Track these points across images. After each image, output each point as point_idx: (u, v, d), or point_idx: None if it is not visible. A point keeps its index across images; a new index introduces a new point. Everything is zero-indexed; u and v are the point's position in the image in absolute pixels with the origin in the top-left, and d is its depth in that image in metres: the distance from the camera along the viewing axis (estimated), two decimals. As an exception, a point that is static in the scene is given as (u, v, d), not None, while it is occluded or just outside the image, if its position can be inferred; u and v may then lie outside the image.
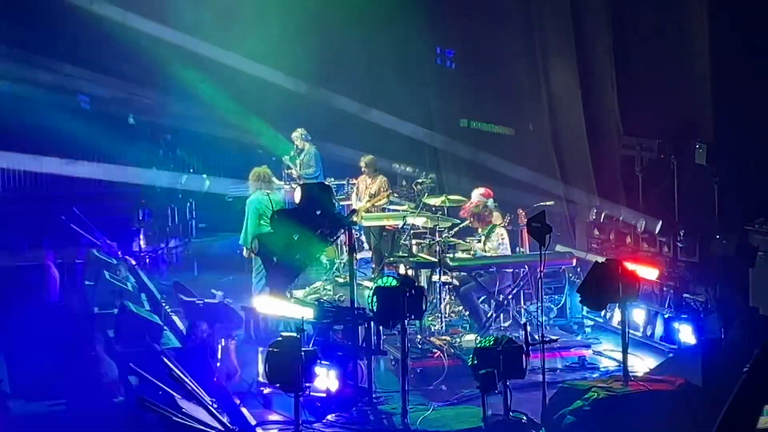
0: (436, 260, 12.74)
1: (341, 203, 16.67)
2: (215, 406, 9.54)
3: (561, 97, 15.36)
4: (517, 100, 16.56)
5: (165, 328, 13.06)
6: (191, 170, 22.08)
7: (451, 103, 18.45)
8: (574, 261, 13.25)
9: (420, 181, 16.17)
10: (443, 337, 12.22)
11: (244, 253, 14.37)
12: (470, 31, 17.73)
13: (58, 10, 21.03)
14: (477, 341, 10.90)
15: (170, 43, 21.40)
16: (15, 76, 21.64)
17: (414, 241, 14.29)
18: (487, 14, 17.13)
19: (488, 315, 12.62)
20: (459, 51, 18.36)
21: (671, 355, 11.52)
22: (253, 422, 10.20)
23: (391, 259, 14.14)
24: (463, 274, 12.82)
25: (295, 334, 9.37)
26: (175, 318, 13.90)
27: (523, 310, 12.78)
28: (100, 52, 21.41)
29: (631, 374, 10.21)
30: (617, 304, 11.06)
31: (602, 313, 13.02)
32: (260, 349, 10.78)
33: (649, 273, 12.02)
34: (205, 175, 21.69)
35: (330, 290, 15.15)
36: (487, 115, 17.51)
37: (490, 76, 17.20)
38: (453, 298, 13.14)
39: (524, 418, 9.67)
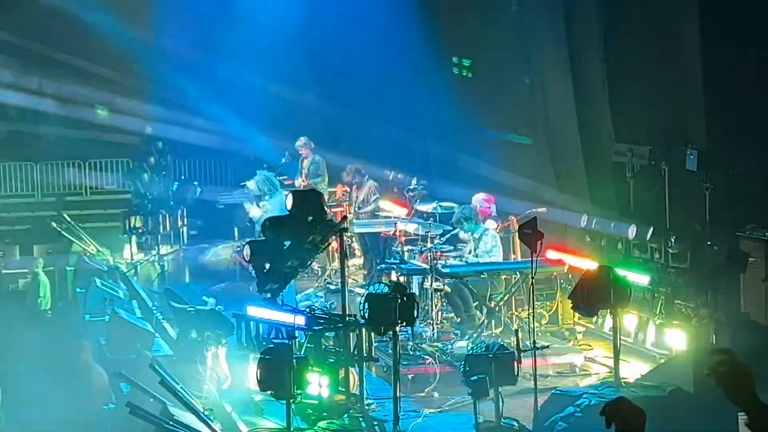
0: (428, 267, 12.74)
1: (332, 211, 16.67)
2: (206, 413, 9.51)
3: (555, 103, 15.38)
4: (512, 105, 16.56)
5: (156, 335, 13.04)
6: (182, 177, 22.06)
7: (445, 109, 18.44)
8: (566, 267, 13.25)
9: (412, 187, 16.17)
10: (435, 344, 12.22)
11: None
12: (468, 39, 17.74)
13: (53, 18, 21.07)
14: (468, 348, 10.91)
15: (162, 49, 21.45)
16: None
17: (406, 248, 14.28)
18: (483, 21, 17.15)
19: (480, 321, 12.62)
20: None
21: (662, 361, 11.52)
22: (244, 429, 10.18)
23: (383, 266, 14.14)
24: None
25: (286, 341, 9.37)
26: (167, 325, 13.87)
27: (514, 317, 12.78)
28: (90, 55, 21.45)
29: (622, 380, 10.21)
30: (609, 311, 11.05)
31: (594, 319, 13.02)
32: (252, 356, 10.76)
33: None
34: (196, 182, 21.68)
35: (322, 297, 15.13)
36: (486, 121, 17.49)
37: (487, 82, 17.21)
38: (445, 304, 13.14)
39: (516, 424, 9.67)
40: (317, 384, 9.93)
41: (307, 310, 10.89)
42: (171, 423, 8.87)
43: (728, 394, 3.89)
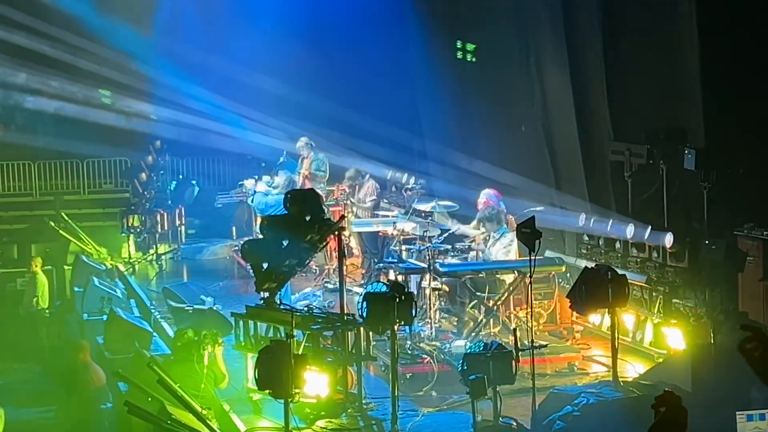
0: (426, 265, 12.75)
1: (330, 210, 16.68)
2: (204, 412, 9.51)
3: (554, 101, 15.38)
4: (511, 103, 16.57)
5: (154, 334, 13.04)
6: (180, 176, 22.06)
7: (444, 107, 18.44)
8: (564, 267, 13.25)
9: (410, 186, 16.17)
10: (433, 343, 12.21)
11: None
12: (467, 37, 17.76)
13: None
14: (467, 347, 10.91)
15: (160, 47, 21.43)
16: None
17: (404, 247, 14.28)
18: (482, 20, 17.17)
19: (478, 320, 12.62)
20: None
21: (661, 360, 11.53)
22: (242, 428, 10.18)
23: (381, 265, 14.14)
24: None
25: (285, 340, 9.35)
26: (165, 324, 13.88)
27: (512, 316, 12.77)
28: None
29: (620, 380, 10.21)
30: (607, 310, 11.06)
31: (591, 318, 13.02)
32: (250, 355, 10.76)
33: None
34: (194, 181, 21.68)
35: (320, 296, 15.13)
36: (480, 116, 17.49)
37: (485, 80, 17.22)
38: (443, 303, 13.15)
39: (514, 423, 9.66)
40: (315, 383, 9.92)
41: (306, 309, 10.90)
42: (169, 422, 8.87)
43: (758, 373, 4.06)
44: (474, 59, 17.75)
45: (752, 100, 12.12)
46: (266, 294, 10.85)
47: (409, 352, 11.88)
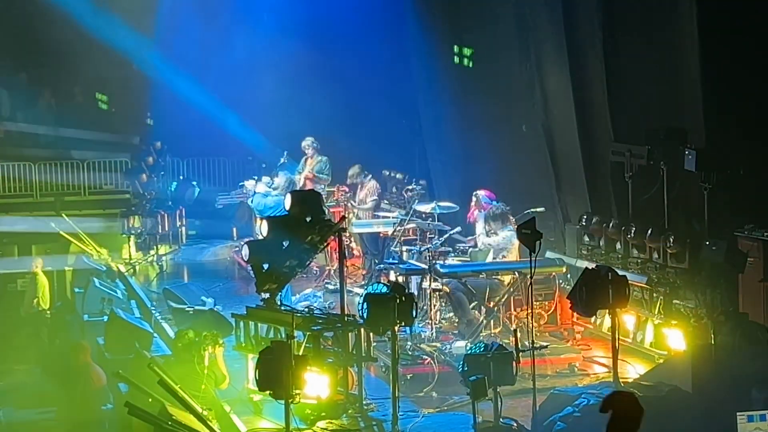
0: (427, 266, 12.75)
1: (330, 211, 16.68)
2: (205, 413, 9.51)
3: (554, 102, 15.38)
4: (512, 104, 16.57)
5: (155, 334, 13.04)
6: (181, 177, 22.04)
7: (444, 108, 18.45)
8: (564, 268, 13.25)
9: (410, 187, 16.17)
10: (433, 344, 12.22)
11: None
12: (468, 38, 17.77)
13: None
14: (467, 347, 10.92)
15: (161, 47, 21.44)
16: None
17: (404, 248, 14.29)
18: (483, 20, 17.17)
19: (479, 321, 12.62)
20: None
21: (661, 361, 11.52)
22: (243, 429, 10.18)
23: (382, 265, 14.14)
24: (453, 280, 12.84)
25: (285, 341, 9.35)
26: (165, 325, 13.88)
27: (513, 317, 12.77)
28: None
29: (621, 380, 10.22)
30: (607, 311, 11.06)
31: (592, 319, 13.02)
32: (250, 356, 10.76)
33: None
34: (194, 182, 21.67)
35: (320, 297, 15.13)
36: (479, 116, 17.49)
37: (486, 81, 17.22)
38: (444, 304, 13.15)
39: (515, 424, 9.67)
40: (316, 384, 9.92)
41: (306, 309, 10.90)
42: (169, 423, 8.87)
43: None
44: (471, 64, 17.76)
45: (752, 101, 12.12)
46: (267, 295, 10.85)
47: (410, 353, 11.88)
